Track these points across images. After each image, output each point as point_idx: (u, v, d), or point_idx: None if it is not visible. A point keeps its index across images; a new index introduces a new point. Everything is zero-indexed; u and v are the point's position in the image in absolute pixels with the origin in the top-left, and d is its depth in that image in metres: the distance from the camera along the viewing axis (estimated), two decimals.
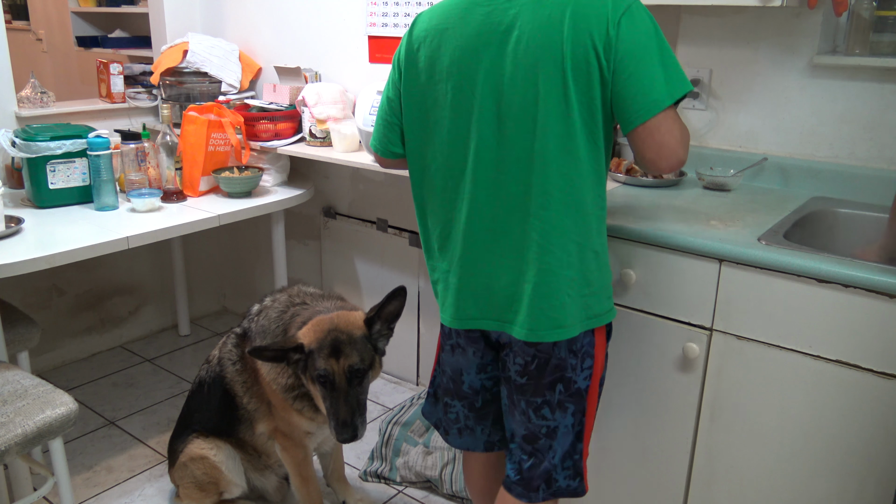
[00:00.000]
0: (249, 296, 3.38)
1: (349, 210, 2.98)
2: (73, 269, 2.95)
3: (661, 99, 1.28)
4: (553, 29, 1.28)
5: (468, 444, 1.69)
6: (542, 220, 1.35)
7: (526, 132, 1.33)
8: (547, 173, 1.33)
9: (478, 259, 1.43)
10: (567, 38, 1.27)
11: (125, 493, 2.28)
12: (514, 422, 1.53)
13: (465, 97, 1.37)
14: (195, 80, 2.93)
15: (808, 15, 1.91)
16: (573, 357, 1.43)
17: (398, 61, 1.48)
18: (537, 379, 1.45)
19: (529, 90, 1.31)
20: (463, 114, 1.38)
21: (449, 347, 1.60)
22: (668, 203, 1.86)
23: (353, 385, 1.73)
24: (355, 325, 1.77)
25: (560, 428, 1.48)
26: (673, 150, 1.31)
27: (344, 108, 2.59)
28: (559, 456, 1.49)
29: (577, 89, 1.29)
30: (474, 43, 1.35)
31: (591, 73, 1.28)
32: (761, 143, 2.06)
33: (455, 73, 1.37)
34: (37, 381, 1.82)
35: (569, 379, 1.45)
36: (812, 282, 1.44)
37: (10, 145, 2.32)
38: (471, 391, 1.62)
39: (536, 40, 1.29)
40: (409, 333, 2.87)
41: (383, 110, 1.54)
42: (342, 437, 1.72)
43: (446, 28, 1.38)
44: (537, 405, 1.47)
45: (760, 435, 1.58)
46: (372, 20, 2.61)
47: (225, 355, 2.03)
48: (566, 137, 1.31)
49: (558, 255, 1.36)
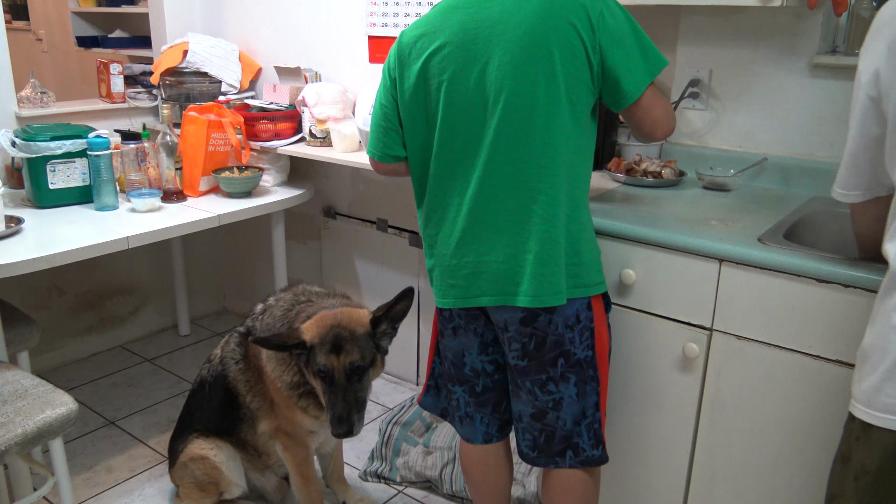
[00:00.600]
0: (249, 296, 3.39)
1: (349, 210, 2.98)
2: (73, 269, 2.95)
3: (644, 78, 1.44)
4: (539, 20, 1.40)
5: (468, 435, 1.74)
6: (541, 192, 1.45)
7: (524, 115, 1.43)
8: (545, 151, 1.44)
9: (476, 237, 1.51)
10: (553, 28, 1.39)
11: (125, 493, 2.28)
12: (520, 402, 1.59)
13: (461, 89, 1.47)
14: (195, 80, 2.93)
15: (808, 15, 1.91)
16: (569, 331, 1.51)
17: (389, 70, 1.58)
18: (538, 358, 1.52)
19: (525, 77, 1.41)
20: (460, 104, 1.47)
21: (450, 330, 1.65)
22: (668, 203, 1.86)
23: (353, 382, 1.74)
24: (358, 323, 1.77)
25: (564, 398, 1.55)
26: (664, 119, 1.51)
27: (344, 108, 2.59)
28: (570, 422, 1.56)
29: (565, 74, 1.41)
30: (463, 38, 1.45)
31: (576, 58, 1.41)
32: (761, 143, 2.06)
33: (448, 67, 1.47)
34: (37, 381, 1.82)
35: (568, 352, 1.52)
36: (812, 282, 1.44)
37: (10, 145, 2.31)
38: (472, 373, 1.66)
39: (525, 31, 1.40)
40: (409, 333, 2.87)
41: (378, 116, 1.62)
42: (337, 431, 1.73)
43: (433, 31, 1.50)
44: (542, 382, 1.54)
45: (760, 435, 1.58)
46: (372, 20, 2.61)
47: (228, 354, 2.03)
48: (559, 116, 1.43)
49: (555, 224, 1.46)
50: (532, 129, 1.43)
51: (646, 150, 2.16)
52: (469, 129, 1.47)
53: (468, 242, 1.52)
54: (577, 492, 1.63)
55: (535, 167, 1.44)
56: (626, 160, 2.14)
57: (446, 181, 1.54)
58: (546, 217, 1.45)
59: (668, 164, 2.07)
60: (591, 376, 1.55)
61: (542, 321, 1.50)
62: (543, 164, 1.44)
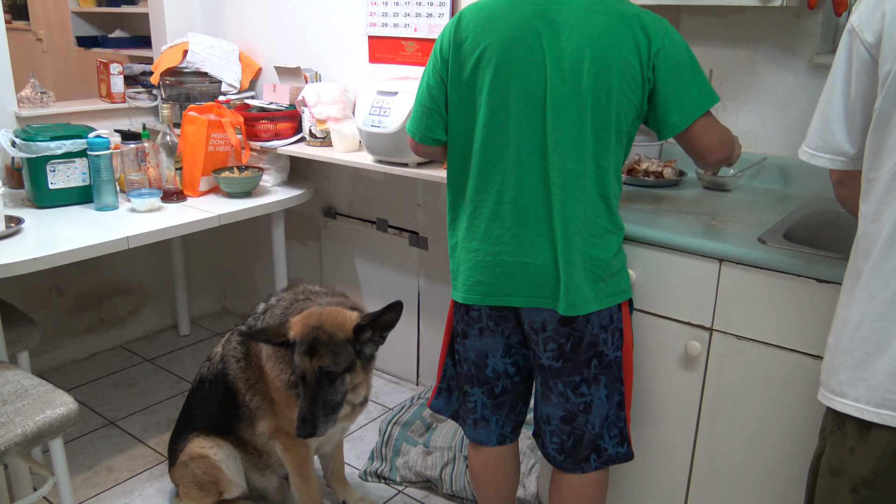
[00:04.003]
0: (249, 296, 3.39)
1: (349, 210, 2.98)
2: (73, 269, 2.95)
3: (694, 111, 1.48)
4: (605, 33, 1.41)
5: (481, 437, 1.72)
6: (580, 202, 1.46)
7: (568, 121, 1.43)
8: (583, 161, 1.45)
9: (515, 237, 1.51)
10: (615, 44, 1.40)
11: (125, 493, 2.28)
12: (549, 405, 1.60)
13: (508, 84, 1.46)
14: (195, 80, 2.93)
15: (808, 15, 1.91)
16: (604, 332, 1.54)
17: (441, 50, 1.55)
18: (574, 359, 1.54)
19: (574, 83, 1.42)
20: (505, 99, 1.47)
21: (477, 331, 1.63)
22: (668, 203, 1.86)
23: (323, 385, 1.73)
24: (341, 327, 1.76)
25: (595, 401, 1.56)
26: (714, 149, 1.54)
27: (344, 108, 2.59)
28: (598, 426, 1.57)
29: (620, 90, 1.42)
30: (522, 33, 1.44)
31: (633, 78, 1.42)
32: (761, 143, 2.06)
33: (500, 60, 1.46)
34: (37, 381, 1.82)
35: (602, 352, 1.55)
36: (812, 282, 1.44)
37: (10, 145, 2.31)
38: (493, 375, 1.66)
39: (586, 40, 1.41)
40: (409, 333, 2.87)
41: (423, 97, 1.60)
42: (299, 432, 1.72)
43: (492, 19, 1.48)
44: (575, 384, 1.55)
45: (761, 434, 1.58)
46: (372, 20, 2.61)
47: (229, 353, 2.03)
48: (601, 130, 1.44)
49: (586, 236, 1.48)
50: (582, 140, 1.44)
51: (646, 150, 2.16)
52: (519, 127, 1.46)
53: (507, 241, 1.51)
54: (588, 493, 1.64)
55: (574, 178, 1.45)
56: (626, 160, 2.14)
57: (484, 175, 1.52)
58: (580, 228, 1.47)
59: (668, 164, 2.07)
60: (618, 377, 1.57)
61: (580, 321, 1.51)
62: (584, 175, 1.46)
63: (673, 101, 1.46)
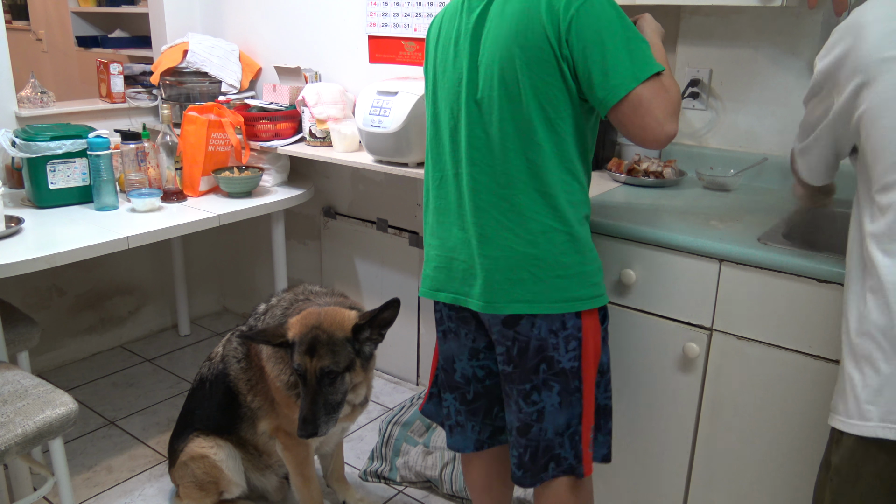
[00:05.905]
0: (249, 296, 3.39)
1: (349, 210, 2.98)
2: (73, 269, 2.95)
3: (626, 82, 1.29)
4: (514, 20, 1.36)
5: (459, 445, 1.69)
6: (504, 199, 1.42)
7: (478, 118, 1.43)
8: (508, 156, 1.40)
9: (445, 231, 1.53)
10: (522, 31, 1.34)
11: (125, 493, 2.28)
12: (510, 413, 1.55)
13: (437, 83, 1.52)
14: (195, 80, 2.93)
15: (808, 15, 1.91)
16: (553, 337, 1.44)
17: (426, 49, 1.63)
18: (522, 365, 1.48)
19: (492, 78, 1.39)
20: (436, 99, 1.52)
21: (441, 333, 1.63)
22: (668, 203, 1.86)
23: (324, 385, 1.73)
24: (340, 326, 1.76)
25: (547, 407, 1.48)
26: (652, 127, 1.31)
27: (344, 108, 2.59)
28: (551, 432, 1.49)
29: (530, 77, 1.35)
30: (451, 32, 1.48)
31: (545, 60, 1.33)
32: (761, 143, 2.06)
33: (435, 59, 1.53)
34: (37, 381, 1.82)
35: (551, 358, 1.45)
36: (812, 282, 1.44)
37: (10, 145, 2.31)
38: (462, 380, 1.62)
39: (500, 31, 1.38)
40: (409, 333, 2.87)
41: None
42: (301, 432, 1.72)
43: (442, 19, 1.53)
44: (526, 392, 1.49)
45: (760, 435, 1.58)
46: (372, 20, 2.61)
47: (229, 353, 2.03)
48: (524, 122, 1.38)
49: (518, 233, 1.41)
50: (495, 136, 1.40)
51: (645, 151, 2.16)
52: (447, 125, 1.49)
53: (441, 236, 1.53)
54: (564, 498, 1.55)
55: (500, 174, 1.41)
56: (626, 161, 2.14)
57: (433, 171, 1.56)
58: (506, 225, 1.41)
59: (668, 164, 2.08)
60: (576, 388, 1.47)
61: (524, 324, 1.44)
62: (509, 171, 1.40)
63: (596, 73, 1.29)
